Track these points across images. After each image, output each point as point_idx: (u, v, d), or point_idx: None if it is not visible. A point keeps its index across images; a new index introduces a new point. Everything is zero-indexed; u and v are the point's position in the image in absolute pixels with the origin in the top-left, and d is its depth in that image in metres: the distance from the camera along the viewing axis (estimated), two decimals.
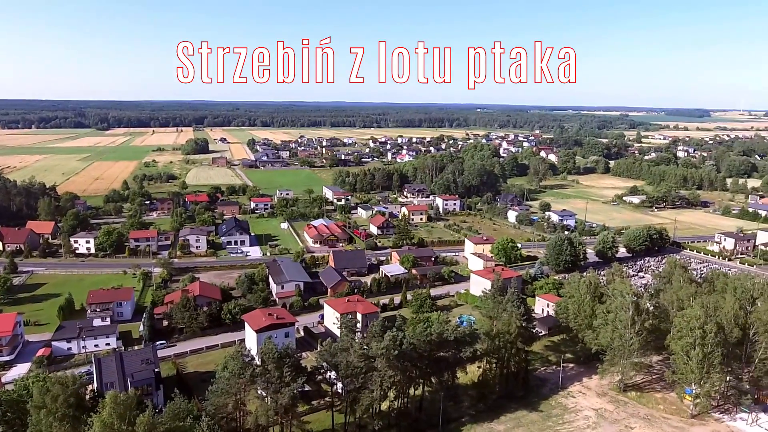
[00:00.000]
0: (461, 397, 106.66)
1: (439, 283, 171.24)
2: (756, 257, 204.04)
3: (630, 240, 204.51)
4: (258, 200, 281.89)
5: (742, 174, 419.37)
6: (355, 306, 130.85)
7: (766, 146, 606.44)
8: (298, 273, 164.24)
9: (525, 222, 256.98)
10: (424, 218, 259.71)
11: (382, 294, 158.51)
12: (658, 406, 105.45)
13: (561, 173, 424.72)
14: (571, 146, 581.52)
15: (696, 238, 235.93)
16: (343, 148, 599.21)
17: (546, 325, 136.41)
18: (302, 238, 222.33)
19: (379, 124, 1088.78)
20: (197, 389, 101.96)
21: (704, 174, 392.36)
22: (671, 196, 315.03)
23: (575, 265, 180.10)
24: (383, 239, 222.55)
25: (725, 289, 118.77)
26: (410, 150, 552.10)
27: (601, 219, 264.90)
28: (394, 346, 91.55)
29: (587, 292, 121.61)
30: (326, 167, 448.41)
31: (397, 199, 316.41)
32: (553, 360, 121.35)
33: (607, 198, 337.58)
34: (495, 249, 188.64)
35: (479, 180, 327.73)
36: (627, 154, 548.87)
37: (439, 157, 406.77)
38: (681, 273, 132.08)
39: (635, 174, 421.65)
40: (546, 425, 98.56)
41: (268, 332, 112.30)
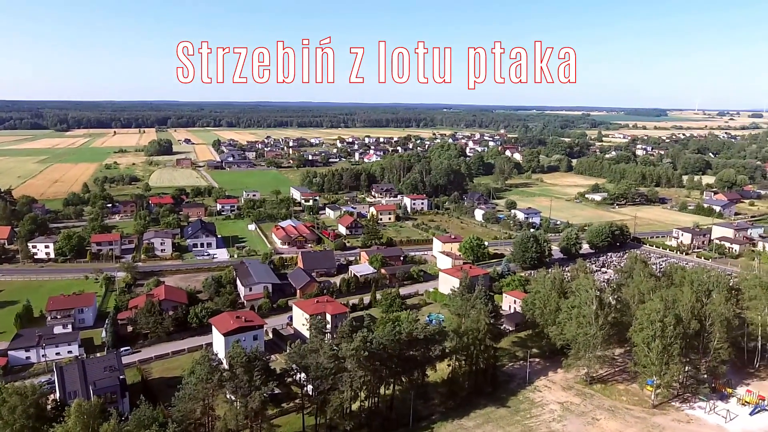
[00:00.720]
0: (431, 394, 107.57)
1: (408, 282, 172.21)
2: (711, 251, 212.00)
3: (593, 236, 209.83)
4: (224, 202, 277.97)
5: (698, 171, 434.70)
6: (325, 307, 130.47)
7: (720, 144, 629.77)
8: (266, 275, 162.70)
9: (492, 220, 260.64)
10: (392, 218, 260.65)
11: (352, 294, 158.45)
12: (622, 398, 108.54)
13: (526, 172, 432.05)
14: (535, 145, 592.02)
15: (655, 233, 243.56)
16: (310, 149, 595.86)
17: (513, 321, 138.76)
18: (270, 240, 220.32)
19: (347, 124, 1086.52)
20: (163, 395, 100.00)
21: (662, 171, 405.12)
22: (631, 193, 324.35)
23: (541, 261, 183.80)
24: (352, 239, 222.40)
25: (683, 282, 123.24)
26: (378, 150, 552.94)
27: (564, 216, 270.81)
28: (364, 347, 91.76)
29: (552, 288, 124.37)
30: (293, 168, 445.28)
31: (365, 199, 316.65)
32: (521, 355, 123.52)
33: (570, 196, 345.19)
34: (463, 247, 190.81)
35: (446, 179, 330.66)
36: (589, 152, 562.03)
37: (407, 156, 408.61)
38: (641, 268, 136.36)
39: (597, 172, 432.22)
40: (514, 420, 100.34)
41: (236, 335, 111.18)
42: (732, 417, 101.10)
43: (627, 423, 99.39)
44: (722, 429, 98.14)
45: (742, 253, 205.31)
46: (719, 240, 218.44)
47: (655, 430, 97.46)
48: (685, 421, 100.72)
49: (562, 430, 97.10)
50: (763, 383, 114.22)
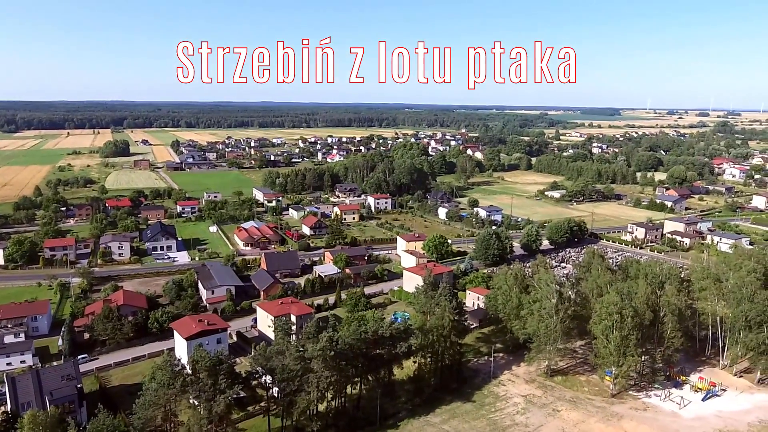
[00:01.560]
0: (398, 392, 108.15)
1: (373, 281, 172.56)
2: (663, 245, 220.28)
3: (552, 233, 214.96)
4: (184, 203, 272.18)
5: (650, 168, 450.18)
6: (289, 308, 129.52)
7: (670, 142, 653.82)
8: (229, 277, 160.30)
9: (455, 218, 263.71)
10: (356, 217, 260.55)
11: (317, 295, 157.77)
12: (583, 388, 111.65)
13: (487, 170, 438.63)
14: (495, 144, 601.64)
15: (611, 228, 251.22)
16: (272, 149, 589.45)
17: (477, 317, 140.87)
18: (232, 241, 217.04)
19: (309, 124, 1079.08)
20: (124, 403, 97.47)
21: (617, 169, 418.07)
22: (588, 190, 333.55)
23: (503, 258, 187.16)
24: (316, 239, 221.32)
25: (638, 275, 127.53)
26: (341, 150, 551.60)
27: (525, 213, 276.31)
28: (330, 347, 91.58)
29: (514, 283, 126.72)
30: (255, 168, 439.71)
31: (328, 199, 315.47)
32: (485, 351, 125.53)
33: (530, 193, 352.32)
34: (426, 246, 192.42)
35: (409, 178, 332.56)
36: (547, 151, 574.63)
37: (370, 156, 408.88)
38: (599, 262, 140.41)
39: (555, 170, 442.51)
40: (479, 414, 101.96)
41: (199, 339, 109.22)
42: (686, 403, 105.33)
43: (588, 413, 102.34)
44: (677, 415, 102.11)
45: (693, 247, 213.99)
46: (671, 234, 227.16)
47: (614, 418, 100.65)
48: (643, 408, 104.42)
49: (526, 422, 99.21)
50: (714, 370, 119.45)
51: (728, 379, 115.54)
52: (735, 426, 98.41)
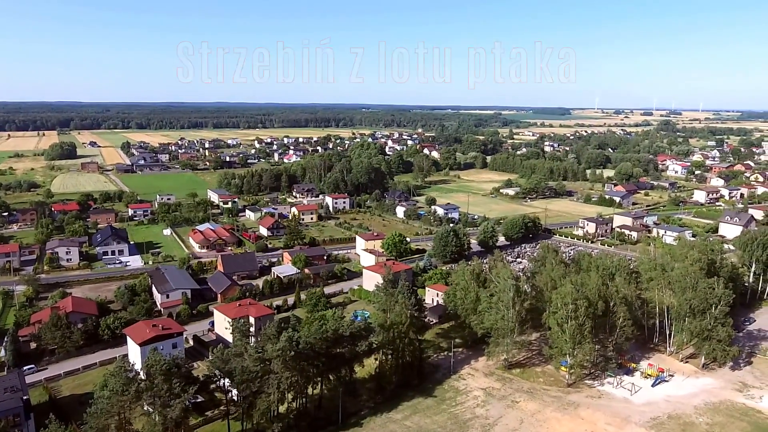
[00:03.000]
0: (360, 390, 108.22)
1: (333, 280, 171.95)
2: (613, 238, 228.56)
3: (508, 229, 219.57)
4: (136, 206, 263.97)
5: (599, 165, 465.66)
6: (248, 310, 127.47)
7: (617, 140, 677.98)
8: (185, 280, 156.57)
9: (413, 217, 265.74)
10: (314, 217, 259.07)
11: (275, 296, 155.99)
12: (539, 379, 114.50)
13: (444, 169, 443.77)
14: (451, 143, 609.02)
15: (564, 224, 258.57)
16: (227, 150, 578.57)
17: (436, 313, 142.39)
18: (187, 244, 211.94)
19: (265, 125, 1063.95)
20: (75, 414, 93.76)
21: (568, 166, 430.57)
22: (541, 187, 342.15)
23: (461, 255, 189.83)
24: (274, 240, 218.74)
25: (590, 268, 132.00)
26: (297, 150, 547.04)
27: (481, 210, 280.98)
28: (290, 347, 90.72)
29: (472, 279, 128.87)
30: (210, 170, 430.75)
31: (286, 200, 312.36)
32: (445, 346, 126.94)
33: (486, 191, 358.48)
34: (385, 244, 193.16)
35: (367, 178, 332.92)
36: (501, 149, 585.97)
37: (327, 156, 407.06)
38: (553, 256, 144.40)
39: (509, 168, 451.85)
40: (441, 408, 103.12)
41: (154, 344, 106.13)
42: (637, 390, 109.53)
43: (544, 402, 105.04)
44: (629, 401, 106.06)
45: (640, 239, 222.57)
46: (620, 228, 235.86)
47: (570, 407, 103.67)
48: (597, 396, 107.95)
49: (486, 414, 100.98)
50: (662, 357, 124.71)
51: (675, 364, 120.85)
52: (683, 409, 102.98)
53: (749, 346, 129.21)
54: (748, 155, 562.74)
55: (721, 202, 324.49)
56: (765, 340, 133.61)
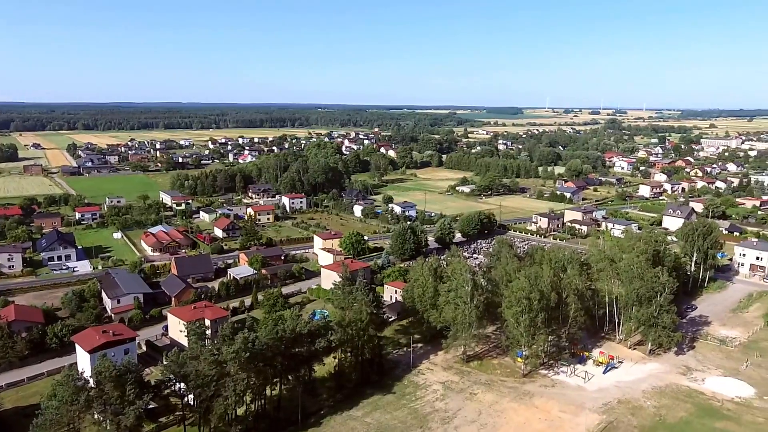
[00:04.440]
0: (319, 390, 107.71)
1: (291, 281, 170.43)
2: (564, 233, 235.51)
3: (464, 225, 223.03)
4: (84, 210, 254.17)
5: (550, 162, 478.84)
6: (203, 312, 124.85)
7: (567, 138, 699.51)
8: (136, 284, 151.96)
9: (370, 215, 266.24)
10: (271, 218, 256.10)
11: (232, 298, 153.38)
12: (496, 371, 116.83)
13: (400, 168, 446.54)
14: (407, 142, 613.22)
15: (518, 219, 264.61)
16: (180, 151, 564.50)
17: (395, 310, 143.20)
18: (139, 248, 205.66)
19: (218, 125, 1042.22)
20: (19, 427, 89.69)
21: (520, 164, 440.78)
22: (496, 185, 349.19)
23: (418, 252, 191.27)
24: (230, 242, 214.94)
25: (543, 261, 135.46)
26: (253, 150, 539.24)
27: (438, 208, 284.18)
28: (246, 348, 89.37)
29: (430, 275, 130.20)
30: (162, 171, 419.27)
31: (241, 201, 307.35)
32: (404, 342, 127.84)
33: (442, 189, 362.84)
34: (343, 243, 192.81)
35: (324, 177, 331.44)
36: (457, 148, 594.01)
37: (283, 156, 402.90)
38: (507, 251, 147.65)
39: (465, 166, 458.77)
40: (401, 404, 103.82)
41: (104, 351, 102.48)
42: (589, 377, 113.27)
43: (501, 393, 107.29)
44: (582, 389, 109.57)
45: (590, 233, 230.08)
46: (571, 222, 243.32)
47: (526, 396, 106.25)
48: (551, 385, 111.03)
49: (445, 407, 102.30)
50: (612, 344, 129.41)
51: (624, 351, 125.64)
52: (632, 394, 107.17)
53: (692, 332, 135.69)
54: (688, 151, 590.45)
55: (664, 196, 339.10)
56: (706, 325, 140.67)
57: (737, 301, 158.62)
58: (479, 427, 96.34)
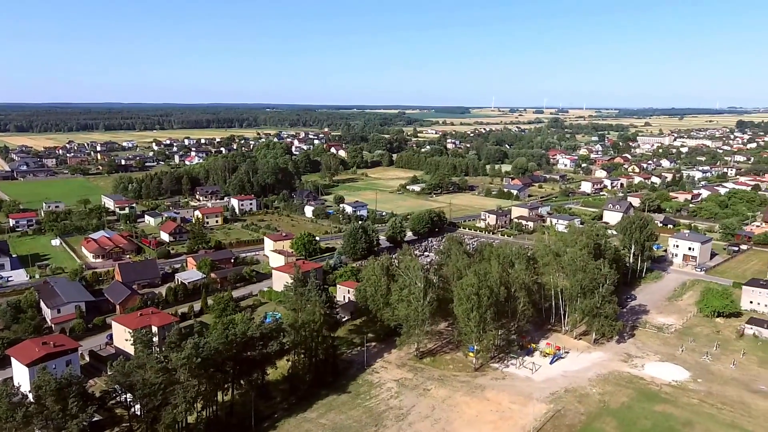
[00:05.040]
0: (273, 393, 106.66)
1: (241, 284, 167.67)
2: (512, 229, 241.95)
3: (415, 224, 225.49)
4: (19, 216, 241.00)
5: (497, 161, 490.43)
6: (150, 319, 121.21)
7: (513, 137, 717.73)
8: (78, 293, 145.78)
9: (321, 216, 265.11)
10: (219, 220, 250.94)
11: (180, 303, 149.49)
12: (449, 366, 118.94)
13: (351, 167, 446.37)
14: (358, 142, 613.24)
15: (467, 217, 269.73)
16: (122, 153, 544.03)
17: (348, 310, 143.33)
18: (80, 254, 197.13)
19: (163, 126, 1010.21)
20: None
21: (469, 162, 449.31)
22: (445, 183, 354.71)
23: (370, 251, 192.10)
24: (177, 246, 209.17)
25: (491, 257, 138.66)
26: (199, 151, 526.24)
27: (389, 207, 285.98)
28: (197, 354, 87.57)
29: (382, 273, 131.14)
30: (104, 174, 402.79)
31: (189, 203, 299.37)
32: (358, 341, 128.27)
33: (393, 188, 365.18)
34: (295, 244, 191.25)
35: (274, 178, 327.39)
36: (407, 147, 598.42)
37: (231, 157, 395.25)
38: (457, 248, 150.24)
39: (415, 165, 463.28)
40: (355, 403, 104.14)
41: (44, 364, 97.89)
42: (537, 368, 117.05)
43: (454, 388, 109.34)
44: (530, 379, 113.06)
45: (536, 229, 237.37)
46: (517, 219, 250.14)
47: (478, 390, 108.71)
48: (502, 378, 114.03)
49: (399, 404, 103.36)
50: (558, 335, 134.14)
51: (570, 342, 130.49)
52: (578, 382, 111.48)
53: (632, 320, 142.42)
54: (625, 149, 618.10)
55: (604, 191, 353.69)
56: (644, 314, 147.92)
57: (672, 290, 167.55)
58: (433, 422, 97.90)
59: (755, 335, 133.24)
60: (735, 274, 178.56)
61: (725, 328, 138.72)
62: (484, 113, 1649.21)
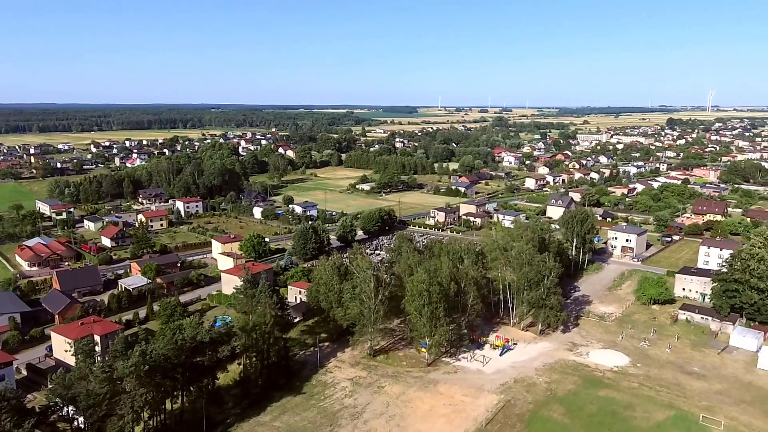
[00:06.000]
0: (224, 398, 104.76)
1: (189, 288, 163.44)
2: (460, 225, 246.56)
3: (365, 223, 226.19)
4: None
5: (445, 159, 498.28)
6: (92, 328, 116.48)
7: (460, 136, 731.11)
8: (11, 303, 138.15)
9: (271, 217, 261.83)
10: (164, 224, 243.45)
11: (125, 310, 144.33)
12: (402, 363, 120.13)
13: (300, 168, 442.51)
14: (306, 142, 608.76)
15: (417, 215, 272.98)
16: (58, 156, 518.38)
17: (300, 311, 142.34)
18: (14, 263, 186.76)
19: (101, 127, 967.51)
20: None
21: (417, 161, 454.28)
22: (395, 182, 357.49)
23: (321, 251, 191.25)
24: (120, 251, 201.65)
25: (441, 253, 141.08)
26: (142, 153, 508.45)
27: (339, 207, 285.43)
28: (144, 361, 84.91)
29: (334, 273, 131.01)
30: (38, 178, 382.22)
31: (131, 207, 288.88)
32: (310, 342, 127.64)
33: (342, 187, 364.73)
34: (243, 246, 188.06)
35: (221, 179, 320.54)
36: (355, 147, 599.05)
37: (176, 158, 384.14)
38: (408, 245, 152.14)
39: (364, 164, 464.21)
40: (309, 404, 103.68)
41: None
42: (487, 360, 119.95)
43: (408, 384, 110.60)
44: (481, 372, 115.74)
45: (483, 225, 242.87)
46: (466, 215, 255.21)
47: (431, 384, 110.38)
48: (454, 371, 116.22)
49: (354, 403, 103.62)
50: (507, 328, 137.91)
51: (518, 334, 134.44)
52: (526, 372, 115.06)
53: (576, 311, 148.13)
54: (566, 146, 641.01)
55: (547, 187, 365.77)
56: (587, 304, 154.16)
57: (612, 280, 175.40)
58: (388, 418, 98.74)
59: (687, 320, 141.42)
60: (669, 263, 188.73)
61: (661, 314, 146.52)
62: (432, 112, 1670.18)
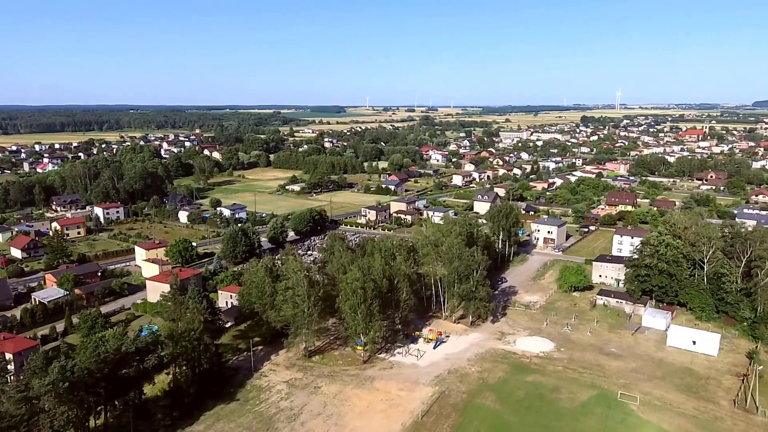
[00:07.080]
0: (153, 411, 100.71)
1: (111, 298, 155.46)
2: (392, 223, 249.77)
3: (296, 223, 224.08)
4: None
5: (374, 158, 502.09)
6: (3, 346, 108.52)
7: (388, 135, 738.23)
8: None
9: (197, 220, 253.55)
10: (82, 231, 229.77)
11: (40, 325, 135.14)
12: (338, 362, 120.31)
13: (227, 169, 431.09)
14: (233, 143, 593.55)
15: (348, 214, 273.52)
16: None
17: (232, 315, 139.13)
18: None
19: (7, 131, 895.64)
20: None
21: (347, 160, 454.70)
22: (325, 181, 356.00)
23: (252, 253, 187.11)
24: (32, 262, 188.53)
25: (374, 251, 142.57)
26: (54, 158, 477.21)
27: (269, 208, 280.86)
28: (64, 378, 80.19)
29: (266, 275, 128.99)
30: None
31: (44, 215, 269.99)
32: (243, 347, 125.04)
33: (272, 188, 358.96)
34: (169, 251, 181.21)
35: (143, 183, 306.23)
36: (284, 147, 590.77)
37: (92, 162, 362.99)
38: (340, 244, 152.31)
39: (293, 165, 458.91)
40: (245, 410, 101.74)
41: None
42: (422, 354, 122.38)
43: (345, 382, 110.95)
44: (416, 366, 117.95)
45: (414, 222, 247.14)
46: (396, 213, 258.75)
47: (368, 381, 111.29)
48: (389, 367, 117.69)
49: (290, 405, 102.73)
50: (439, 321, 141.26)
51: (450, 326, 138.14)
52: (459, 363, 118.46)
53: (503, 301, 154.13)
54: (490, 143, 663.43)
55: (473, 184, 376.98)
56: (514, 294, 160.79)
57: (536, 270, 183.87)
58: (325, 418, 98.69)
59: (605, 305, 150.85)
60: (587, 252, 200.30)
61: (581, 300, 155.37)
62: (360, 112, 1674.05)
